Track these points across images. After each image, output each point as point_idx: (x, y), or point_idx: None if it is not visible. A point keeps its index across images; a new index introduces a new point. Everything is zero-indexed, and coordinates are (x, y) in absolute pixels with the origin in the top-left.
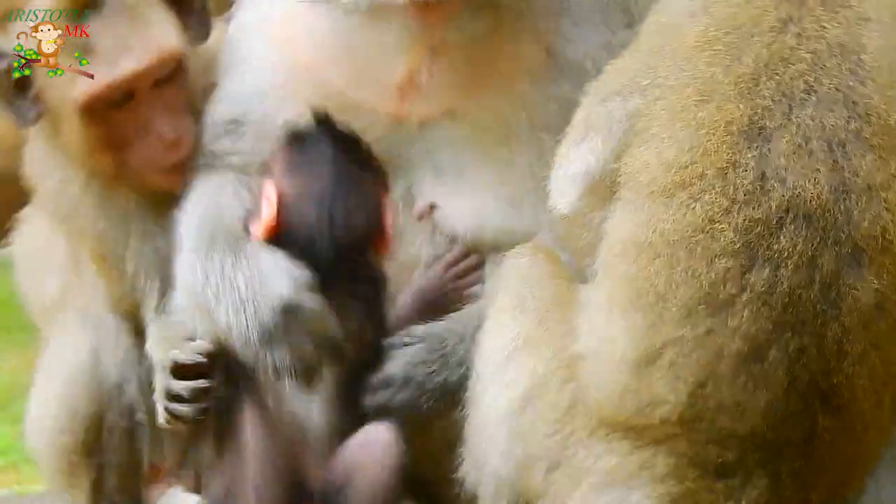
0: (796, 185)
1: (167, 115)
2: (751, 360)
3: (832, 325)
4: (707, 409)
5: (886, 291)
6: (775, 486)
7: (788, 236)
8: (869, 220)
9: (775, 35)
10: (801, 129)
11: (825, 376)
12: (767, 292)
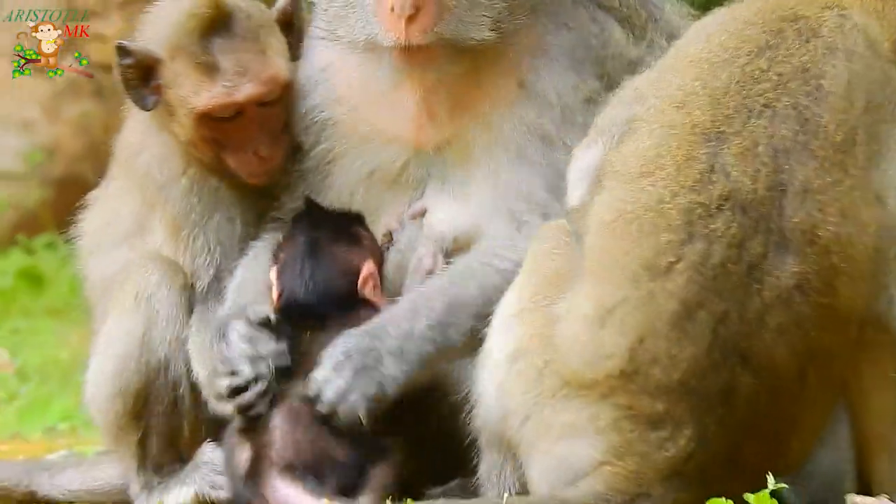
0: (738, 180)
1: (266, 132)
2: (682, 318)
3: (754, 297)
4: (643, 363)
5: (810, 277)
6: (701, 435)
7: (724, 220)
8: (800, 216)
9: (751, 58)
10: (752, 135)
11: (745, 338)
12: (700, 263)
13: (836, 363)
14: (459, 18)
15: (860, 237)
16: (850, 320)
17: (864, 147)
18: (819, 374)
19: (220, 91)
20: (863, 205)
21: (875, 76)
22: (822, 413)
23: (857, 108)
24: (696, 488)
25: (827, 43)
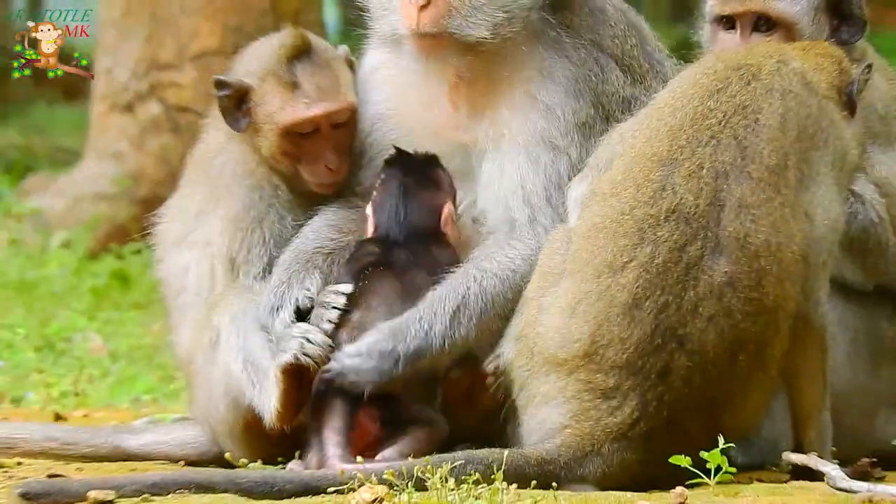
0: (683, 196)
1: (336, 149)
2: (631, 308)
3: (689, 291)
4: (600, 346)
5: (740, 276)
6: (644, 406)
7: (669, 228)
8: (735, 227)
9: (703, 100)
10: (699, 161)
11: (682, 325)
12: (648, 262)
13: (768, 350)
14: (464, 17)
15: (788, 245)
16: (779, 315)
17: (794, 170)
18: (750, 358)
19: (302, 107)
20: (792, 219)
21: (809, 111)
22: (759, 391)
23: (790, 138)
24: (640, 450)
25: (765, 84)
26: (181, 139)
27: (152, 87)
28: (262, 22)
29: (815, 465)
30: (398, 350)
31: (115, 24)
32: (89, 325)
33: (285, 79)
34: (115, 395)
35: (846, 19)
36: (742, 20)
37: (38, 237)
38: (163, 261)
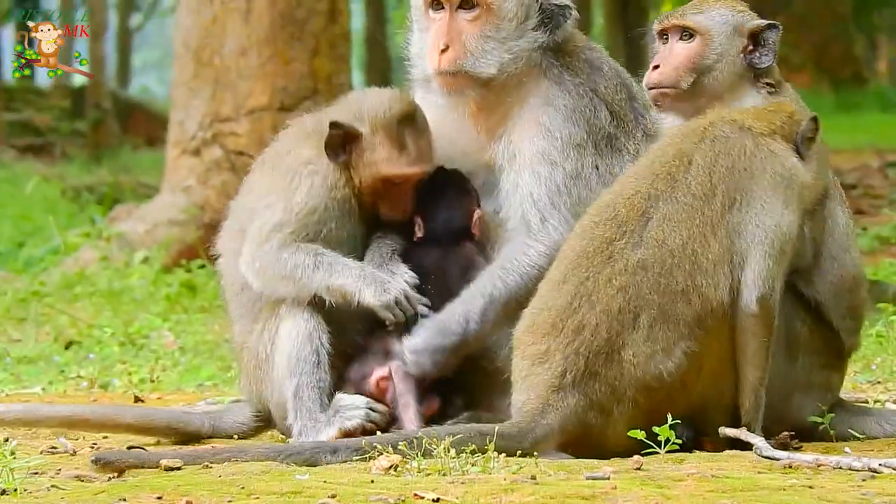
0: (620, 212)
1: (412, 195)
2: (560, 283)
3: (608, 268)
4: (538, 316)
5: (651, 262)
6: (565, 359)
7: (605, 227)
8: (656, 233)
9: (661, 154)
10: (639, 189)
11: (595, 292)
12: (581, 252)
13: (678, 317)
14: (476, 58)
15: (704, 253)
16: (688, 297)
17: (722, 197)
18: (651, 318)
19: (405, 164)
20: (712, 235)
21: (743, 149)
22: (705, 378)
23: (719, 174)
24: (576, 395)
25: (701, 135)
26: (237, 176)
27: (215, 136)
28: (302, 84)
29: (746, 437)
30: (444, 344)
31: (185, 84)
32: (163, 325)
33: (395, 137)
34: (183, 381)
35: (760, 47)
36: (671, 32)
37: (123, 255)
38: (226, 255)
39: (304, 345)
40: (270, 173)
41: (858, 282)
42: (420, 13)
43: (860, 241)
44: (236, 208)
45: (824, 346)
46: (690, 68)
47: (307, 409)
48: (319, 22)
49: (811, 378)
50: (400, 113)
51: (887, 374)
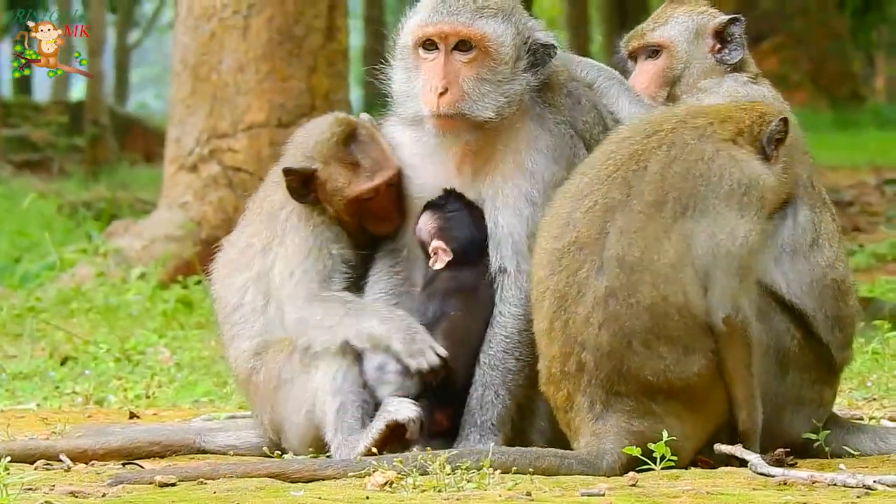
0: (579, 229)
1: (393, 203)
2: (547, 331)
3: (580, 306)
4: (543, 363)
5: (616, 286)
6: (569, 396)
7: (570, 256)
8: (615, 250)
9: (613, 153)
10: (595, 198)
11: (580, 333)
12: (555, 289)
13: (664, 334)
14: (473, 101)
15: (660, 259)
16: (665, 309)
17: (674, 203)
18: (643, 344)
19: (366, 180)
20: (666, 239)
21: (702, 156)
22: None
23: (673, 179)
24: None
25: (659, 138)
26: (234, 192)
27: (212, 152)
28: (300, 100)
29: (741, 454)
30: (494, 423)
31: (183, 100)
32: (160, 341)
33: (347, 160)
34: (179, 397)
35: (727, 43)
36: (638, 53)
37: (119, 271)
38: (221, 281)
39: (352, 366)
40: (257, 216)
41: (844, 291)
42: (407, 52)
43: (857, 258)
44: (231, 243)
45: (815, 361)
46: (660, 83)
47: (349, 426)
48: (317, 39)
49: (802, 393)
50: (341, 135)
51: (883, 391)
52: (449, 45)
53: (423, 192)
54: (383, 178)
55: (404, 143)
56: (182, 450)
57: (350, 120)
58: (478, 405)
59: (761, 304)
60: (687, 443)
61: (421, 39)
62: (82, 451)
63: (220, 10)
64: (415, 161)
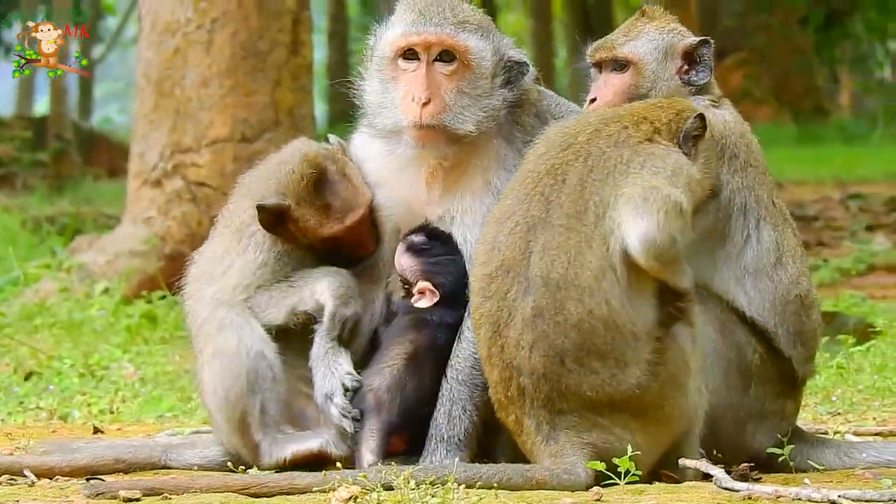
0: (504, 253)
1: (368, 231)
2: (488, 356)
3: (513, 319)
4: (491, 388)
5: (543, 306)
6: (517, 420)
7: (499, 280)
8: (539, 269)
9: (531, 171)
10: (516, 217)
11: (514, 357)
12: (488, 315)
13: (595, 350)
14: (455, 113)
15: (584, 271)
16: (592, 322)
17: (594, 209)
18: (575, 361)
19: (339, 221)
20: (588, 249)
21: (619, 160)
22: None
23: (593, 186)
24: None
25: (576, 149)
26: (198, 207)
27: (175, 167)
28: (264, 115)
29: (705, 468)
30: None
31: (146, 115)
32: (124, 357)
33: (318, 203)
34: (143, 412)
35: (695, 64)
36: (603, 65)
37: (83, 286)
38: (191, 295)
39: (259, 360)
40: (223, 231)
41: (808, 306)
42: (385, 62)
43: (822, 273)
44: (201, 256)
45: (777, 375)
46: (625, 98)
47: (275, 422)
48: (281, 54)
49: (765, 406)
50: (312, 179)
51: (847, 406)
52: (431, 56)
53: (391, 208)
54: (354, 217)
55: (374, 156)
56: (147, 466)
57: (319, 160)
58: (445, 420)
59: (722, 318)
60: (643, 455)
61: (403, 49)
62: (48, 468)
63: (183, 25)
64: (384, 175)
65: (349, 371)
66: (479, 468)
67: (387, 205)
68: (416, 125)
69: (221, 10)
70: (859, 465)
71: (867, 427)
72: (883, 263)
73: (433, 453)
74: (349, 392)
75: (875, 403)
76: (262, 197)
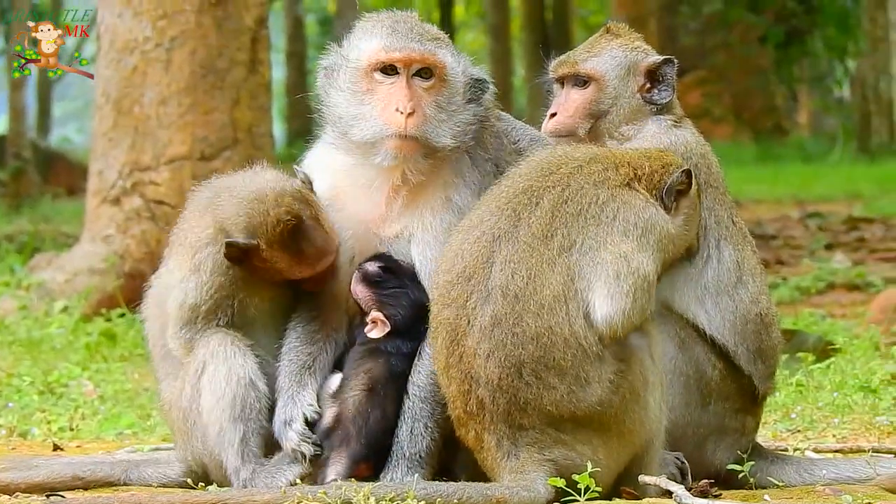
0: (467, 260)
1: (327, 275)
2: (447, 367)
3: (472, 328)
4: (449, 403)
5: (501, 315)
6: (477, 435)
7: (459, 287)
8: (500, 279)
9: (508, 187)
10: (483, 228)
11: (472, 368)
12: (447, 322)
13: (553, 365)
14: (434, 127)
15: (542, 289)
16: (548, 338)
17: (560, 240)
18: (534, 374)
19: (309, 267)
20: (550, 271)
21: (595, 199)
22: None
23: (563, 217)
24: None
25: (555, 178)
26: (157, 225)
27: (134, 185)
28: (222, 133)
29: (665, 485)
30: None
31: (105, 134)
32: (83, 374)
33: (290, 249)
34: (103, 429)
35: (658, 83)
36: (566, 80)
37: (42, 304)
38: (150, 320)
39: (248, 390)
40: (178, 248)
41: (768, 324)
42: (358, 75)
43: (781, 291)
44: (158, 279)
45: (737, 391)
46: (586, 114)
47: (253, 453)
48: (240, 72)
49: (725, 423)
50: (287, 226)
51: (807, 423)
52: (411, 71)
53: (346, 227)
54: (326, 263)
55: (333, 170)
56: (106, 483)
57: (295, 207)
58: (407, 437)
59: (682, 335)
60: (603, 469)
61: (382, 63)
62: (5, 485)
63: (142, 44)
64: (344, 189)
65: (311, 403)
66: (439, 486)
67: (343, 224)
68: (399, 135)
69: (180, 29)
70: (819, 482)
71: (827, 444)
72: (842, 281)
73: (394, 470)
74: (308, 422)
75: (835, 420)
76: (230, 231)
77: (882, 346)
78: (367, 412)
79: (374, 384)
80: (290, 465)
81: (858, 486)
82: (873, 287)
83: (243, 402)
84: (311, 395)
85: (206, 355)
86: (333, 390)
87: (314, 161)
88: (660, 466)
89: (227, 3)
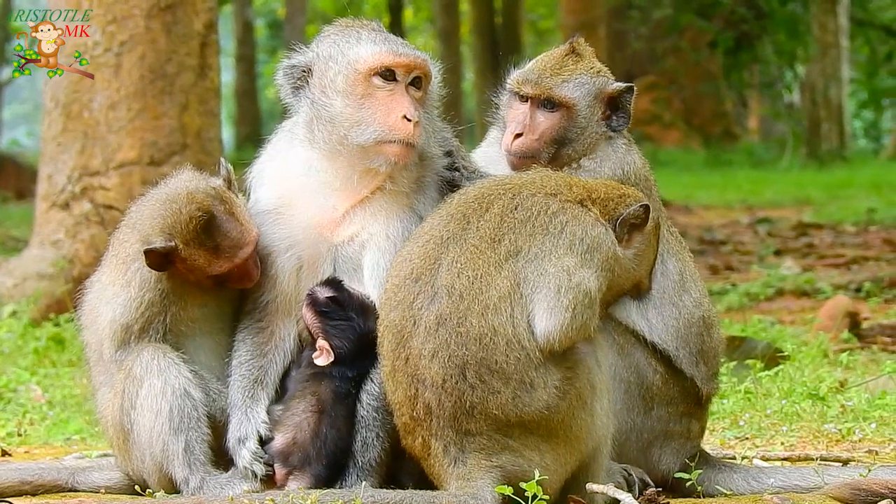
0: (415, 262)
1: (255, 263)
2: (392, 371)
3: (415, 339)
4: (395, 410)
5: (446, 314)
6: (424, 440)
7: (406, 289)
8: (446, 279)
9: (461, 195)
10: (434, 232)
11: (417, 370)
12: (395, 314)
13: (497, 368)
14: (427, 136)
15: (488, 290)
16: (495, 339)
17: (507, 245)
18: (477, 376)
19: (227, 260)
20: (496, 273)
21: (545, 209)
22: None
23: (512, 222)
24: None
25: (509, 186)
26: (106, 230)
27: (84, 190)
28: (172, 138)
29: (613, 493)
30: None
31: (55, 138)
32: (31, 379)
33: (206, 244)
34: (51, 435)
35: (617, 111)
36: (532, 99)
37: None
38: (87, 327)
39: (185, 400)
40: (113, 260)
41: (708, 325)
42: (354, 79)
43: (730, 297)
44: (91, 286)
45: (681, 395)
46: (552, 140)
47: (200, 461)
48: (189, 77)
49: (670, 427)
50: (200, 222)
51: (755, 431)
52: (407, 80)
53: (298, 230)
54: (244, 255)
55: (283, 176)
56: (54, 489)
57: (207, 202)
58: (361, 446)
59: (620, 341)
60: (551, 476)
61: (384, 67)
62: None
63: (91, 48)
64: (294, 195)
65: (265, 420)
66: (386, 493)
67: (292, 230)
68: (404, 142)
69: (129, 34)
70: (767, 490)
71: (775, 452)
72: (791, 288)
73: (346, 478)
74: (262, 440)
75: (783, 428)
76: (148, 236)
77: (830, 354)
78: (323, 433)
79: (322, 406)
80: (240, 481)
81: (806, 495)
82: (822, 294)
83: (181, 413)
84: (264, 411)
85: (141, 371)
86: (279, 410)
87: (262, 170)
88: (607, 475)
89: (177, 7)
